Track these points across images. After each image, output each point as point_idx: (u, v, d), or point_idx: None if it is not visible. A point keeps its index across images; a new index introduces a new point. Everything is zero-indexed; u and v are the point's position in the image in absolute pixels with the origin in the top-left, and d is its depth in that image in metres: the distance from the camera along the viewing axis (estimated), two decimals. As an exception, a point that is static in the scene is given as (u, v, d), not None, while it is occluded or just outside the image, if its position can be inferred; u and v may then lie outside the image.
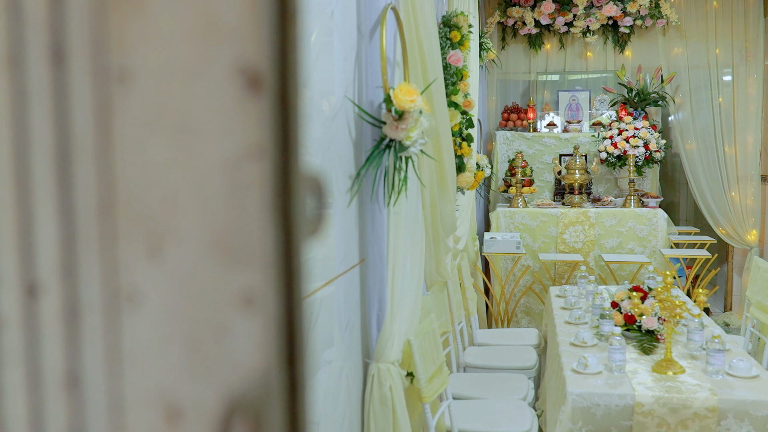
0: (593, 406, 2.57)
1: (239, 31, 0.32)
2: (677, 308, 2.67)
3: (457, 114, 3.71)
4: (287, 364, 0.34)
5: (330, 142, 2.00)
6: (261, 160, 0.32)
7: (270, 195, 0.32)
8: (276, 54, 0.33)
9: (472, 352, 3.96)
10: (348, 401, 2.18)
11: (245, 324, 0.33)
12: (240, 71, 0.32)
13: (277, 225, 0.33)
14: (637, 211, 5.44)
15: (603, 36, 6.40)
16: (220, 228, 0.33)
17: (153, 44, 0.34)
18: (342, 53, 2.13)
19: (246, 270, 0.33)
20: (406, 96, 2.10)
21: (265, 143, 0.32)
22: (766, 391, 2.55)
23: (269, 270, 0.32)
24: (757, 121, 5.94)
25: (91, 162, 0.35)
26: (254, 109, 0.32)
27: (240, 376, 0.33)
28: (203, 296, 0.34)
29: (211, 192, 0.33)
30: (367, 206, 2.27)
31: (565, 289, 4.21)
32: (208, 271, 0.34)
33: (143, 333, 0.36)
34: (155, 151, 0.34)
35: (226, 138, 0.32)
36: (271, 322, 0.33)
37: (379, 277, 2.29)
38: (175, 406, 0.35)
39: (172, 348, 0.35)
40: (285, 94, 0.33)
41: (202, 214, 0.34)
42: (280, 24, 0.33)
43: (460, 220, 4.26)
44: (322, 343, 1.99)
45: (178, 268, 0.34)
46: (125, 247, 0.35)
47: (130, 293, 0.36)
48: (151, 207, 0.35)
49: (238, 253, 0.33)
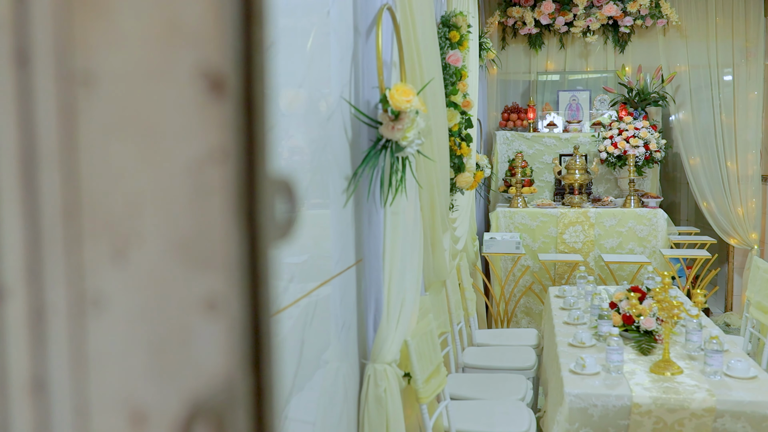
0: (590, 406, 2.57)
1: (202, 34, 0.32)
2: (675, 309, 2.67)
3: (457, 114, 3.70)
4: (252, 369, 0.34)
5: (326, 143, 2.00)
6: (224, 164, 0.32)
7: (234, 198, 0.32)
8: (240, 57, 0.33)
9: (471, 352, 3.95)
10: (344, 402, 2.17)
11: (208, 329, 0.33)
12: (202, 74, 0.32)
13: (241, 229, 0.33)
14: (637, 211, 5.44)
15: (603, 36, 6.40)
16: (184, 232, 0.33)
17: (116, 47, 0.33)
18: (338, 53, 2.13)
19: (209, 274, 0.33)
20: (403, 96, 2.10)
21: (229, 147, 0.32)
22: (763, 391, 2.55)
23: (233, 274, 0.32)
24: (757, 121, 5.93)
25: (56, 165, 0.35)
26: (217, 112, 0.32)
27: (203, 381, 0.33)
28: (167, 300, 0.34)
29: (174, 196, 0.33)
30: (364, 207, 2.27)
31: (564, 290, 4.20)
32: (171, 276, 0.34)
33: (108, 337, 0.36)
34: (119, 155, 0.34)
35: (188, 141, 0.32)
36: (235, 327, 0.33)
37: (376, 277, 2.29)
38: (140, 411, 0.35)
39: (136, 352, 0.35)
40: (250, 97, 0.33)
41: (165, 217, 0.33)
42: (245, 27, 0.33)
43: (459, 220, 4.25)
44: (319, 343, 1.98)
45: (143, 272, 0.34)
46: (90, 251, 0.35)
47: (95, 297, 0.36)
48: (115, 210, 0.34)
49: (201, 257, 0.33)
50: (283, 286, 1.72)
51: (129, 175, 0.34)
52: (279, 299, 1.68)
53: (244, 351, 0.33)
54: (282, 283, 1.72)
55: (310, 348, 1.89)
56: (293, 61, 1.78)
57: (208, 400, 0.33)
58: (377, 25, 2.19)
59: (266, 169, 0.34)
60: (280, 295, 1.69)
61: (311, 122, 1.91)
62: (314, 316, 1.91)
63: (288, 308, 1.74)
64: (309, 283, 1.89)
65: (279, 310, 1.67)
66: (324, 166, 2.00)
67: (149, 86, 0.33)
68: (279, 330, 1.70)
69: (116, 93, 0.34)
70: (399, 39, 2.42)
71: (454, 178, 3.80)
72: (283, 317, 1.71)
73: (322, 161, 1.97)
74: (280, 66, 1.68)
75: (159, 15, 0.32)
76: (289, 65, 1.75)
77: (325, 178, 2.02)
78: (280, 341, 1.71)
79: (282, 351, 1.72)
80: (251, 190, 0.33)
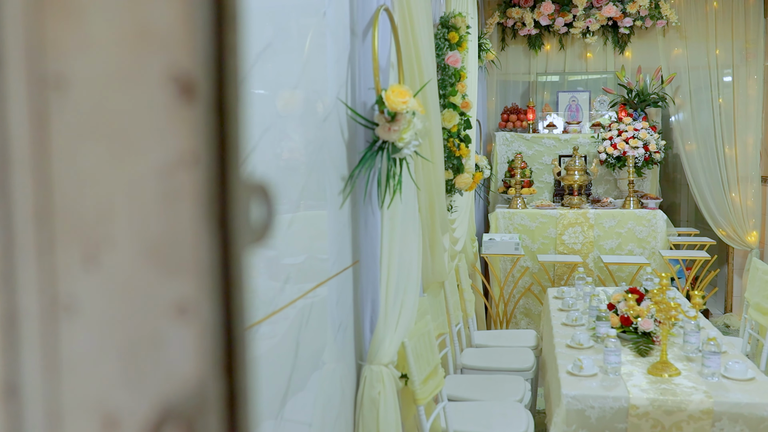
0: (588, 408, 2.56)
1: (172, 38, 0.32)
2: (672, 310, 2.66)
3: (455, 115, 3.70)
4: (224, 374, 0.34)
5: (322, 144, 2.00)
6: (195, 168, 0.32)
7: (205, 203, 0.32)
8: (211, 61, 0.33)
9: (469, 353, 3.95)
10: (341, 403, 2.17)
11: (179, 334, 0.33)
12: (172, 78, 0.32)
13: (212, 233, 0.32)
14: (637, 212, 5.43)
15: (603, 37, 6.39)
16: (155, 236, 0.33)
17: (87, 50, 0.33)
18: (335, 54, 2.13)
19: (180, 279, 0.32)
20: (399, 97, 2.10)
21: (199, 151, 0.32)
22: (761, 393, 2.54)
23: (204, 279, 0.32)
24: (757, 122, 5.92)
25: (28, 170, 0.35)
26: (187, 116, 0.32)
27: (174, 385, 0.33)
28: (138, 305, 0.34)
29: (145, 200, 0.33)
30: (361, 208, 2.26)
31: (563, 291, 4.20)
32: (143, 281, 0.34)
33: (80, 342, 0.35)
34: (90, 159, 0.34)
35: (158, 146, 0.32)
36: (207, 332, 0.33)
37: (373, 278, 2.29)
38: (112, 416, 0.35)
39: (108, 357, 0.35)
40: (221, 101, 0.33)
41: (136, 222, 0.33)
42: (217, 30, 0.33)
43: (458, 221, 4.25)
44: (316, 344, 1.98)
45: (114, 276, 0.34)
46: (62, 255, 0.35)
47: (67, 302, 0.36)
48: (86, 215, 0.34)
49: (171, 262, 0.33)
50: (278, 287, 1.71)
51: (100, 180, 0.34)
52: (275, 300, 1.68)
53: (216, 356, 0.33)
54: (278, 284, 1.72)
55: (306, 349, 1.89)
56: (289, 62, 1.78)
57: (179, 404, 0.33)
58: (373, 27, 2.19)
59: (239, 173, 0.34)
60: (276, 296, 1.69)
61: (307, 123, 1.91)
62: (310, 318, 1.91)
63: (284, 309, 1.74)
64: (305, 284, 1.89)
65: (274, 312, 1.66)
66: (320, 168, 2.00)
67: (119, 90, 0.33)
68: (275, 331, 1.69)
69: (87, 97, 0.34)
70: (397, 40, 2.42)
71: (452, 179, 3.80)
72: (279, 318, 1.71)
73: (318, 162, 1.97)
74: (276, 67, 1.68)
75: (129, 18, 0.32)
76: (286, 66, 1.75)
77: (322, 180, 2.02)
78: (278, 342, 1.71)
79: (277, 352, 1.72)
80: (223, 195, 0.33)
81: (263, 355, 1.61)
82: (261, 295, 1.61)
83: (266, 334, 1.63)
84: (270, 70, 1.62)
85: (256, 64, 1.53)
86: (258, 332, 1.57)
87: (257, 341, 1.56)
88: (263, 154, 1.57)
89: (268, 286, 1.66)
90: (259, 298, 1.60)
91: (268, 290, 1.66)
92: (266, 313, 1.61)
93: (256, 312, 1.56)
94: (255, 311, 1.56)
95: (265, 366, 1.63)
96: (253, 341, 1.34)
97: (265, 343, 1.62)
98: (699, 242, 5.57)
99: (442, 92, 3.59)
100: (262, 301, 1.61)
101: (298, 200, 1.84)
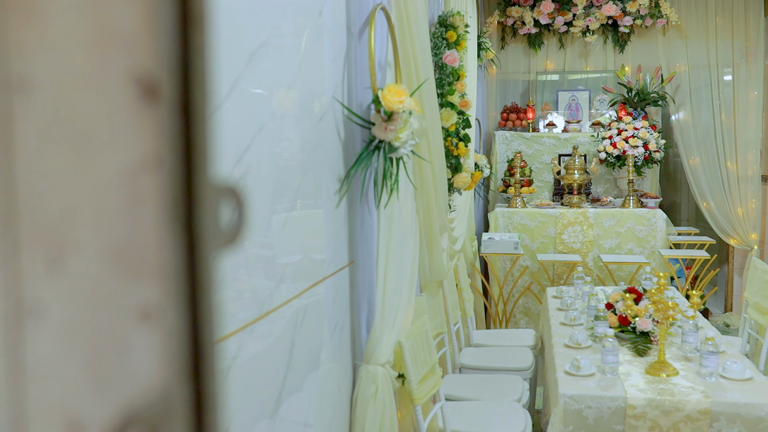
0: (585, 408, 2.56)
1: (135, 40, 0.31)
2: (670, 310, 2.66)
3: (453, 114, 3.69)
4: (190, 379, 0.33)
5: (318, 143, 1.99)
6: (158, 171, 0.31)
7: (169, 206, 0.32)
8: (176, 62, 0.32)
9: (468, 353, 3.94)
10: (339, 403, 2.17)
11: (144, 339, 0.32)
12: (135, 80, 0.31)
13: (176, 237, 0.32)
14: (636, 211, 5.42)
15: (603, 36, 6.38)
16: (118, 240, 0.33)
17: (51, 52, 0.33)
18: (331, 54, 2.12)
19: (144, 284, 0.32)
20: (395, 97, 2.10)
21: (163, 154, 0.31)
22: (759, 393, 2.54)
23: (167, 283, 0.32)
24: (757, 121, 5.91)
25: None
26: (151, 119, 0.31)
27: (139, 391, 0.33)
28: (102, 310, 0.33)
29: (109, 203, 0.32)
30: (357, 208, 2.26)
31: (562, 290, 4.19)
32: (107, 285, 0.33)
33: (45, 347, 0.35)
34: (55, 162, 0.34)
35: (122, 149, 0.32)
36: (171, 336, 0.32)
37: (369, 278, 2.28)
38: (76, 421, 0.34)
39: (73, 362, 0.34)
40: (187, 103, 0.32)
41: (100, 226, 0.33)
42: (182, 31, 0.32)
43: (457, 221, 4.24)
44: (312, 344, 1.98)
45: (79, 281, 0.34)
46: (27, 259, 0.35)
47: (32, 306, 0.35)
48: (51, 218, 0.34)
49: (135, 266, 0.32)
50: (274, 286, 1.71)
51: (64, 183, 0.33)
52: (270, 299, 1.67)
53: (182, 361, 0.33)
54: (273, 284, 1.71)
55: (302, 349, 1.88)
56: (285, 61, 1.78)
57: (143, 410, 0.32)
58: (370, 26, 2.19)
59: (207, 176, 0.34)
60: (272, 296, 1.69)
61: (303, 122, 1.91)
62: (306, 317, 1.91)
63: (280, 308, 1.74)
64: (301, 283, 1.88)
65: (269, 311, 1.66)
66: (316, 167, 1.99)
67: (83, 92, 0.32)
68: (271, 330, 1.69)
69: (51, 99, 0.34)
70: (394, 39, 2.41)
71: (451, 179, 3.79)
72: (275, 317, 1.70)
73: (314, 162, 1.97)
74: (271, 66, 1.67)
75: (92, 19, 0.32)
76: (281, 65, 1.75)
77: (318, 179, 2.01)
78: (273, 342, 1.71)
79: (273, 351, 1.71)
80: (189, 198, 0.33)
81: (259, 355, 1.61)
82: (256, 294, 1.61)
83: (262, 333, 1.62)
84: (265, 68, 1.62)
85: (250, 62, 1.53)
86: (254, 331, 1.57)
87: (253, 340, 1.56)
88: (257, 154, 1.56)
89: (263, 285, 1.66)
90: (255, 297, 1.60)
91: (264, 289, 1.65)
92: (262, 312, 1.61)
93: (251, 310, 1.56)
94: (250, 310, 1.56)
95: (261, 365, 1.62)
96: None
97: (260, 343, 1.62)
98: (699, 241, 5.56)
99: (439, 91, 3.58)
100: (257, 300, 1.60)
101: (294, 200, 1.84)
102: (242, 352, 1.48)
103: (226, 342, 1.40)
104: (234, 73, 1.44)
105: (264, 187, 1.63)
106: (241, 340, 1.47)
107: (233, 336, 1.44)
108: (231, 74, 1.42)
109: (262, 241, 1.67)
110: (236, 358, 1.44)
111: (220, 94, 1.36)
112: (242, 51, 1.49)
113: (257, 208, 1.59)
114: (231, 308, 1.47)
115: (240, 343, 1.47)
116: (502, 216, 5.56)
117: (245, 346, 1.50)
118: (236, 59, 1.46)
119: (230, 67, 1.43)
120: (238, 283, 1.52)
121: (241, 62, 1.48)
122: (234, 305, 1.48)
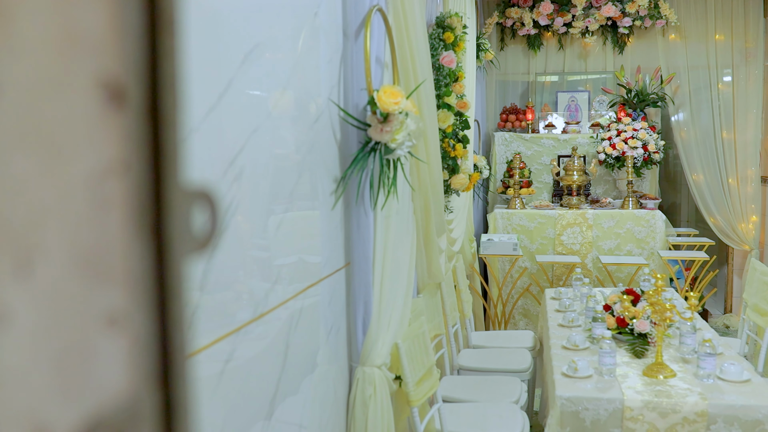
0: (582, 410, 2.55)
1: (101, 43, 0.31)
2: (667, 311, 2.65)
3: (450, 115, 3.69)
4: (159, 385, 0.33)
5: (314, 145, 1.99)
6: (125, 176, 0.31)
7: (136, 211, 0.31)
8: (144, 66, 0.32)
9: (466, 354, 3.94)
10: (335, 405, 2.17)
11: (110, 345, 0.32)
12: (102, 84, 0.31)
13: (144, 242, 0.32)
14: (636, 212, 5.41)
15: (602, 37, 6.38)
16: (85, 246, 0.32)
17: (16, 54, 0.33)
18: (327, 55, 2.12)
19: (110, 290, 0.32)
20: (391, 98, 2.09)
21: (130, 159, 0.31)
22: (756, 395, 2.53)
23: (134, 289, 0.31)
24: (757, 122, 5.90)
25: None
26: (117, 123, 0.31)
27: (106, 398, 0.32)
28: (70, 316, 0.33)
29: (75, 209, 0.32)
30: (353, 209, 2.26)
31: (560, 292, 4.19)
32: (74, 291, 0.33)
33: (13, 353, 0.35)
34: (22, 166, 0.33)
35: (88, 154, 0.31)
36: (139, 343, 0.32)
37: (365, 280, 2.28)
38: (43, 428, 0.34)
39: (40, 368, 0.34)
40: (155, 108, 0.32)
41: (67, 231, 0.32)
42: (151, 35, 0.32)
43: (456, 222, 4.24)
44: (308, 346, 1.98)
45: (45, 286, 0.33)
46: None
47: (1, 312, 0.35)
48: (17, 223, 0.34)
49: (102, 271, 0.32)
50: (269, 288, 1.71)
51: (31, 188, 0.33)
52: (266, 301, 1.67)
53: (150, 367, 0.32)
54: (268, 285, 1.71)
55: (298, 350, 1.88)
56: (279, 62, 1.77)
57: (110, 417, 0.32)
58: (366, 27, 2.18)
59: (176, 181, 0.34)
60: (267, 297, 1.68)
61: (299, 124, 1.91)
62: (301, 319, 1.90)
63: (275, 310, 1.73)
64: (296, 285, 1.88)
65: (263, 313, 1.66)
66: (312, 168, 1.99)
67: (50, 96, 0.32)
68: (267, 331, 1.69)
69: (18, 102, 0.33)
70: (391, 41, 2.41)
71: (448, 180, 3.79)
72: (270, 319, 1.70)
73: (309, 163, 1.97)
74: (266, 67, 1.67)
75: (58, 22, 0.32)
76: (275, 66, 1.74)
77: (314, 181, 2.01)
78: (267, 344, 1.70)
79: (268, 353, 1.71)
80: (157, 203, 0.32)
81: (254, 357, 1.61)
82: (252, 295, 1.61)
83: (258, 335, 1.62)
84: (259, 70, 1.61)
85: (244, 64, 1.52)
86: (250, 333, 1.56)
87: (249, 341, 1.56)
88: (252, 155, 1.56)
89: (258, 287, 1.65)
90: (250, 298, 1.60)
91: (259, 291, 1.65)
92: (257, 314, 1.61)
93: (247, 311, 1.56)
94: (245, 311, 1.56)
95: (256, 367, 1.62)
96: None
97: (256, 344, 1.62)
98: (698, 243, 5.55)
99: (436, 93, 3.58)
100: (252, 301, 1.60)
101: (290, 201, 1.84)
102: (236, 354, 1.47)
103: (220, 344, 1.40)
104: (227, 75, 1.44)
105: (259, 188, 1.63)
106: (235, 341, 1.47)
107: (228, 338, 1.43)
108: (224, 75, 1.42)
109: (258, 243, 1.66)
110: (229, 360, 1.43)
111: (213, 96, 1.36)
112: (236, 52, 1.49)
113: (252, 209, 1.59)
114: (227, 310, 1.46)
115: (234, 345, 1.46)
116: (501, 217, 5.55)
117: (239, 348, 1.49)
118: (230, 60, 1.46)
119: (223, 69, 1.42)
120: (234, 285, 1.52)
121: (234, 63, 1.47)
122: (228, 307, 1.48)
